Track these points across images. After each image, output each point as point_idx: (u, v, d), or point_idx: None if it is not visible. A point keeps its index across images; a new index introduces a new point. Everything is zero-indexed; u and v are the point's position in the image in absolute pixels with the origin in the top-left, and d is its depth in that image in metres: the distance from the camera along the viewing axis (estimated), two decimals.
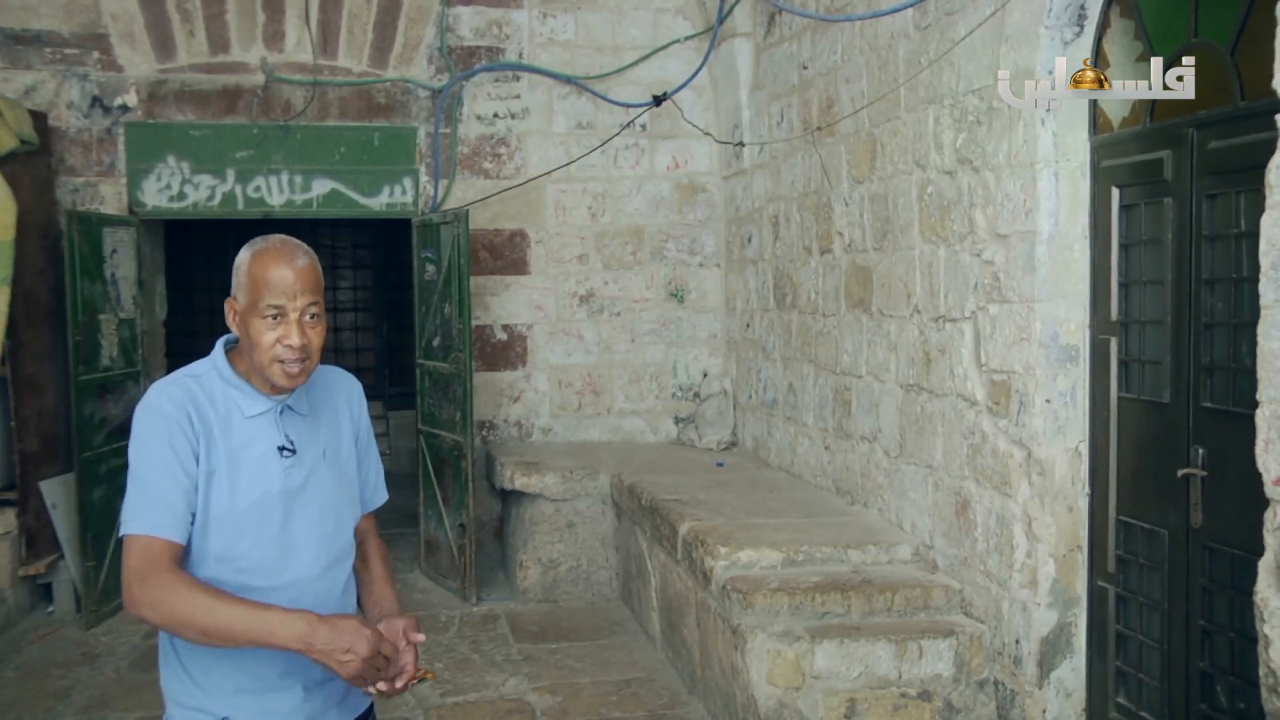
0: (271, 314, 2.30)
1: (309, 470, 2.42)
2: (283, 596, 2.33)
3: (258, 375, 2.37)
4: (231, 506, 2.32)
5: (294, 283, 2.31)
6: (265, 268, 2.31)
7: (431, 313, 7.62)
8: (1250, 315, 3.30)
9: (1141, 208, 4.08)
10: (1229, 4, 3.61)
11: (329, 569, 2.45)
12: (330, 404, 2.55)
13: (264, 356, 2.32)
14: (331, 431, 2.52)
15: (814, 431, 6.67)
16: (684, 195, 8.46)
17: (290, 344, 2.31)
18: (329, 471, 2.47)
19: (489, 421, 8.23)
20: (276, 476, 2.37)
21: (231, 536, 2.32)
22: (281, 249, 2.35)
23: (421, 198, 8.06)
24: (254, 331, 2.32)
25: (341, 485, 2.51)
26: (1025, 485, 4.45)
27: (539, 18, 8.21)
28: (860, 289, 5.95)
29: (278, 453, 2.38)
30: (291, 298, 2.31)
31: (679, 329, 8.50)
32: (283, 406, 2.41)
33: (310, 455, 2.44)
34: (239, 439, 2.35)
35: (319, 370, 2.53)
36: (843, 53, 6.11)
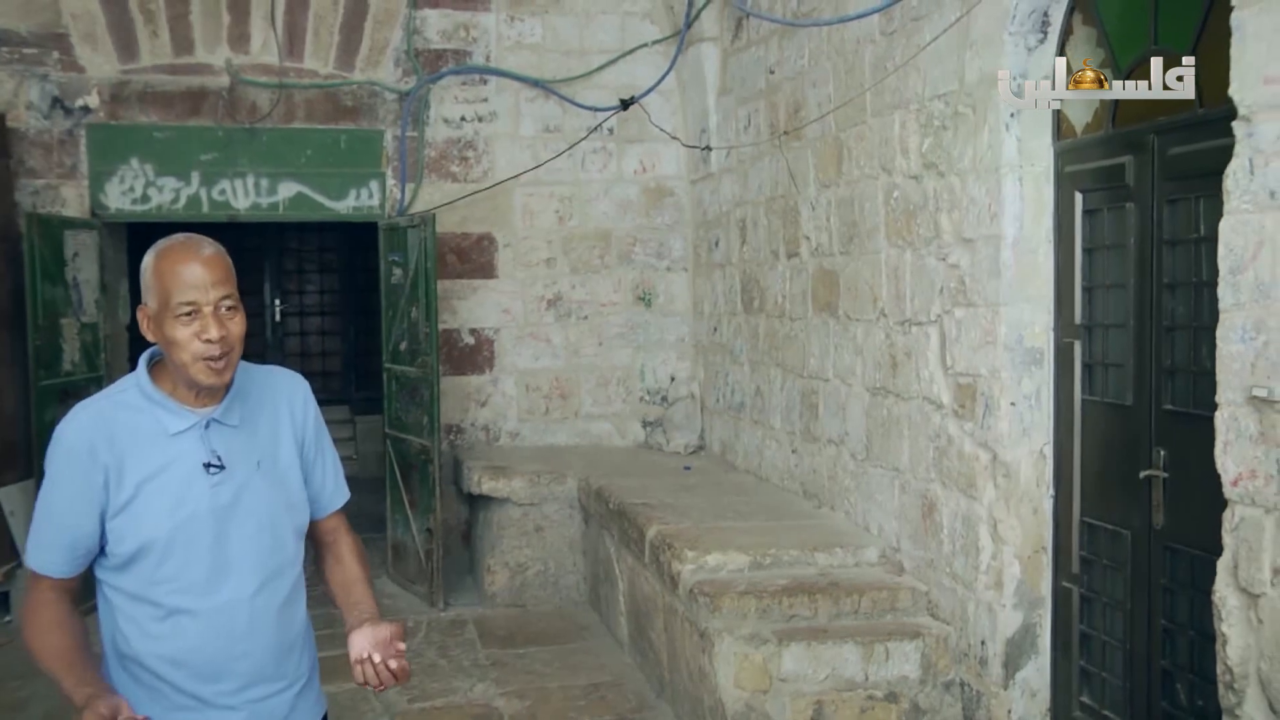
0: (185, 311, 2.23)
1: (240, 485, 2.34)
2: (218, 619, 2.30)
3: (182, 382, 2.30)
4: (155, 529, 2.26)
5: (204, 275, 2.24)
6: (173, 265, 2.25)
7: (398, 317, 7.59)
8: (1210, 319, 3.34)
9: (1104, 212, 4.12)
10: (1187, 13, 3.66)
11: (266, 585, 2.38)
12: (269, 410, 2.45)
13: (184, 356, 2.24)
14: (269, 440, 2.43)
15: (781, 435, 6.69)
16: (651, 199, 8.47)
17: (209, 338, 2.23)
18: (265, 483, 2.39)
19: (456, 426, 8.20)
20: (203, 495, 2.30)
21: (158, 560, 2.27)
22: (186, 243, 2.29)
23: (388, 201, 8.02)
24: (170, 333, 2.24)
25: (280, 496, 2.42)
26: (991, 487, 4.49)
27: (506, 21, 8.20)
28: (827, 293, 5.98)
29: (204, 470, 2.31)
30: (203, 290, 2.23)
31: (646, 333, 8.50)
32: (208, 420, 2.33)
33: (242, 469, 2.35)
34: (162, 458, 2.29)
35: (258, 372, 2.48)
36: (809, 57, 6.14)
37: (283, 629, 2.43)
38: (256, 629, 2.36)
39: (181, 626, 2.30)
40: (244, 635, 2.35)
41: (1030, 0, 4.23)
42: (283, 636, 2.43)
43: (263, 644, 2.38)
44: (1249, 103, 3.11)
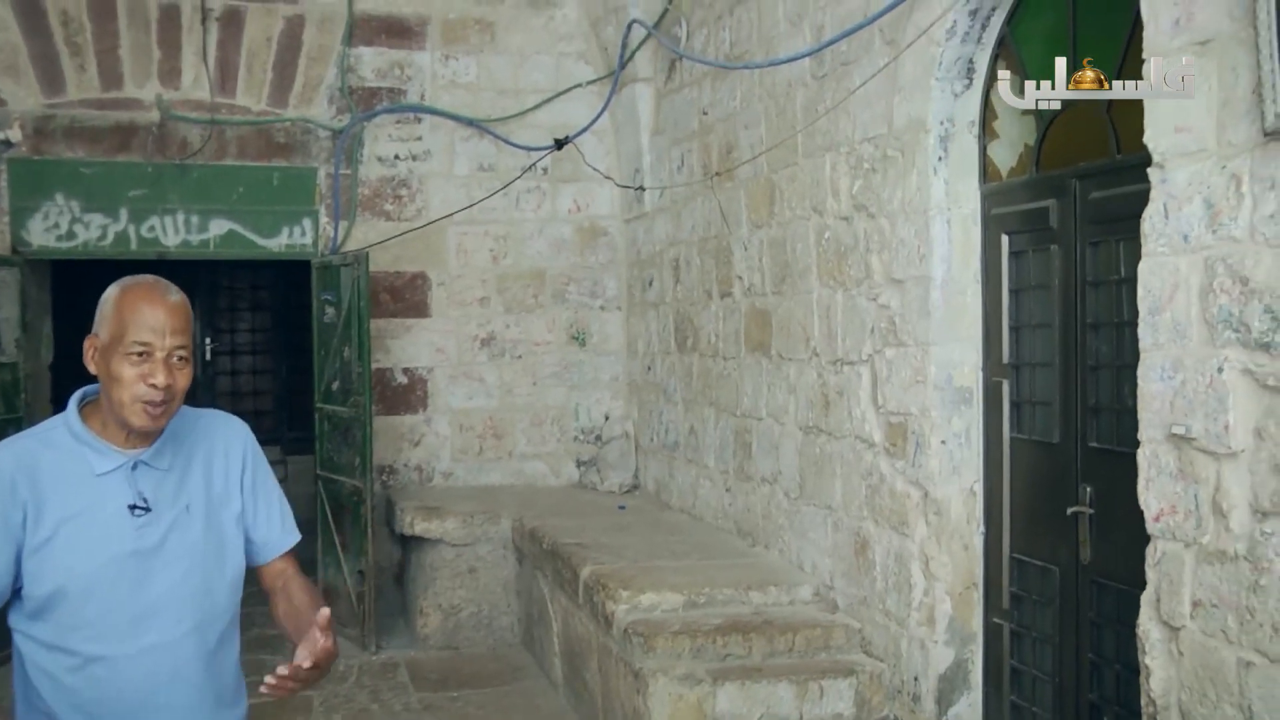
0: (137, 351, 2.19)
1: (168, 527, 2.29)
2: (139, 664, 2.24)
3: (114, 421, 2.26)
4: (74, 572, 2.20)
5: (165, 321, 2.22)
6: (136, 303, 2.22)
7: (331, 356, 7.51)
8: (1132, 358, 3.42)
9: (1030, 254, 4.21)
10: (1105, 62, 3.77)
11: (194, 631, 2.31)
12: (203, 454, 2.41)
13: (124, 395, 2.20)
14: (201, 484, 2.38)
15: (715, 474, 6.72)
16: (585, 238, 8.50)
17: (155, 383, 2.20)
18: (196, 527, 2.33)
19: (389, 466, 8.12)
20: (127, 536, 2.24)
21: (77, 603, 2.21)
22: (154, 286, 2.26)
23: (321, 239, 7.97)
24: (116, 368, 2.20)
25: (212, 541, 2.36)
26: (922, 525, 4.54)
27: (441, 60, 8.21)
28: (760, 332, 6.03)
29: (129, 511, 2.25)
30: (160, 335, 2.20)
31: (581, 372, 8.50)
32: (136, 462, 2.28)
33: (170, 511, 2.30)
34: (85, 499, 2.23)
35: (196, 416, 2.43)
36: (742, 99, 6.22)
37: (212, 678, 2.36)
38: (181, 677, 2.29)
39: (98, 676, 2.23)
40: (167, 683, 2.28)
41: (956, 48, 4.33)
42: (211, 686, 2.36)
43: (188, 693, 2.31)
44: (1162, 150, 3.21)
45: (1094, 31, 3.87)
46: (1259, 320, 2.91)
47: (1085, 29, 3.91)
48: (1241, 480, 3.00)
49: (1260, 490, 2.93)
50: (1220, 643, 3.06)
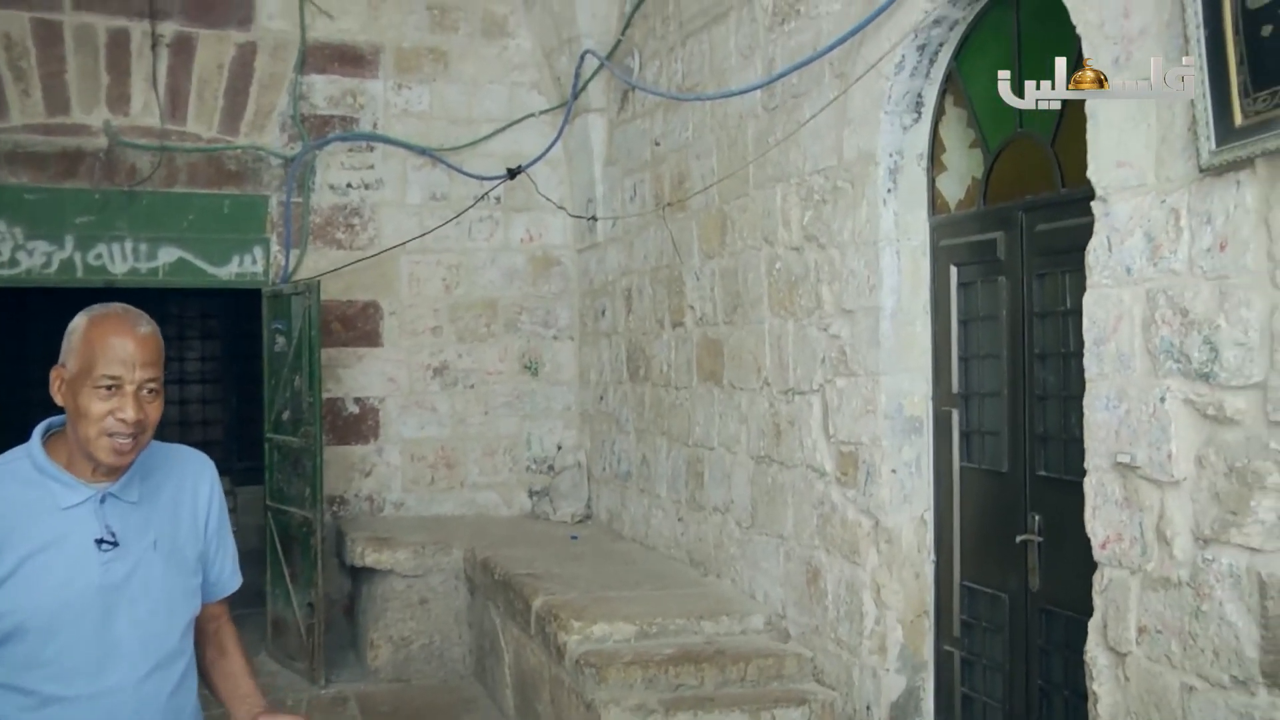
0: (106, 384, 2.14)
1: (134, 563, 2.23)
2: (99, 706, 2.16)
3: (81, 455, 2.19)
4: (37, 608, 2.12)
5: (135, 353, 2.16)
6: (105, 334, 2.16)
7: (281, 385, 7.45)
8: (1078, 388, 3.47)
9: (978, 285, 4.27)
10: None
11: (156, 671, 2.25)
12: (171, 489, 2.36)
13: (92, 429, 2.15)
14: (169, 519, 2.33)
15: (667, 503, 6.72)
16: (538, 268, 8.50)
17: (124, 417, 2.14)
18: (161, 564, 2.27)
19: (340, 497, 8.04)
20: (94, 571, 2.17)
21: (38, 641, 2.13)
22: (124, 316, 2.21)
23: (273, 268, 7.91)
24: (84, 401, 2.14)
25: (176, 578, 2.31)
26: (873, 553, 4.56)
27: (394, 88, 8.21)
28: (712, 362, 6.06)
29: (96, 546, 2.18)
30: (130, 368, 2.15)
31: (533, 401, 8.49)
32: (104, 495, 2.22)
33: (138, 547, 2.24)
34: (51, 533, 2.16)
35: (165, 451, 2.38)
36: (694, 130, 6.27)
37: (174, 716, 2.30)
38: (144, 716, 2.23)
39: (54, 718, 2.15)
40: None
41: (904, 82, 4.40)
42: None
43: None
44: (1105, 184, 3.28)
45: (1039, 67, 3.94)
46: (1198, 351, 2.97)
47: (1030, 65, 3.98)
48: (1184, 508, 3.05)
49: (1201, 518, 2.98)
50: (1165, 668, 3.10)
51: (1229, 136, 2.81)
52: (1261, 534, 2.80)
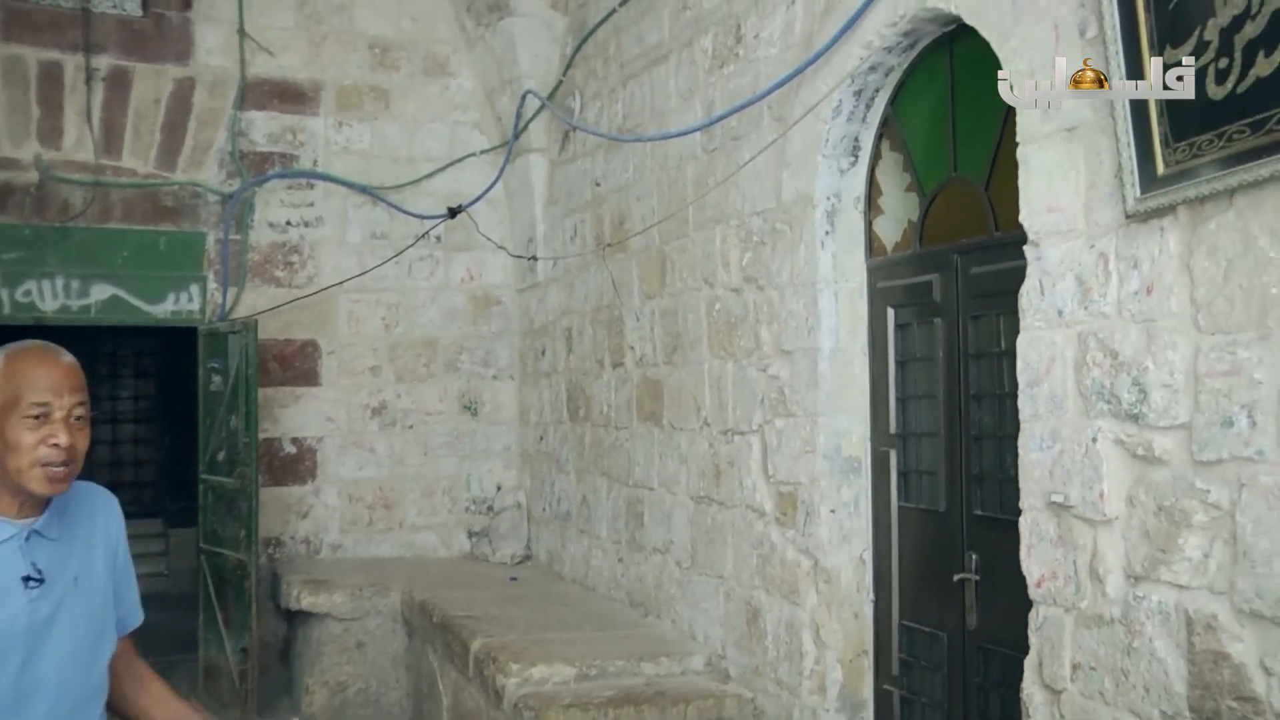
0: (34, 414, 2.13)
1: (58, 600, 2.20)
2: None
3: (9, 490, 2.16)
4: None
5: (61, 380, 2.17)
6: (27, 366, 2.16)
7: (217, 425, 7.34)
8: (1012, 428, 3.52)
9: (914, 327, 4.33)
10: (982, 145, 3.94)
11: (77, 709, 2.23)
12: (85, 525, 2.33)
13: (24, 460, 2.12)
14: (86, 555, 2.30)
15: (607, 544, 6.70)
16: (478, 307, 8.48)
17: (58, 443, 2.13)
18: (82, 600, 2.25)
19: (275, 538, 7.91)
20: (20, 610, 2.14)
21: None
22: (44, 349, 2.22)
23: (209, 305, 7.81)
24: (13, 434, 2.12)
25: (97, 615, 2.29)
26: (813, 593, 4.58)
27: (335, 126, 8.18)
28: (652, 402, 6.07)
29: (22, 584, 2.15)
30: (58, 395, 2.15)
31: (473, 441, 8.43)
32: (29, 532, 2.19)
33: (61, 583, 2.22)
34: None
35: (74, 488, 2.33)
36: (634, 171, 6.31)
37: None
38: None
39: None
40: None
41: (841, 126, 4.47)
42: None
43: None
44: (1036, 229, 3.35)
45: (972, 114, 4.03)
46: (1128, 392, 3.03)
47: (964, 112, 4.07)
48: (1116, 546, 3.10)
49: (1133, 555, 3.03)
50: (1098, 704, 3.13)
51: (1152, 185, 2.89)
52: (1189, 571, 2.85)
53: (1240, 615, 2.71)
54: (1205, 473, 2.81)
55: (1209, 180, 2.73)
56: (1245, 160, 2.63)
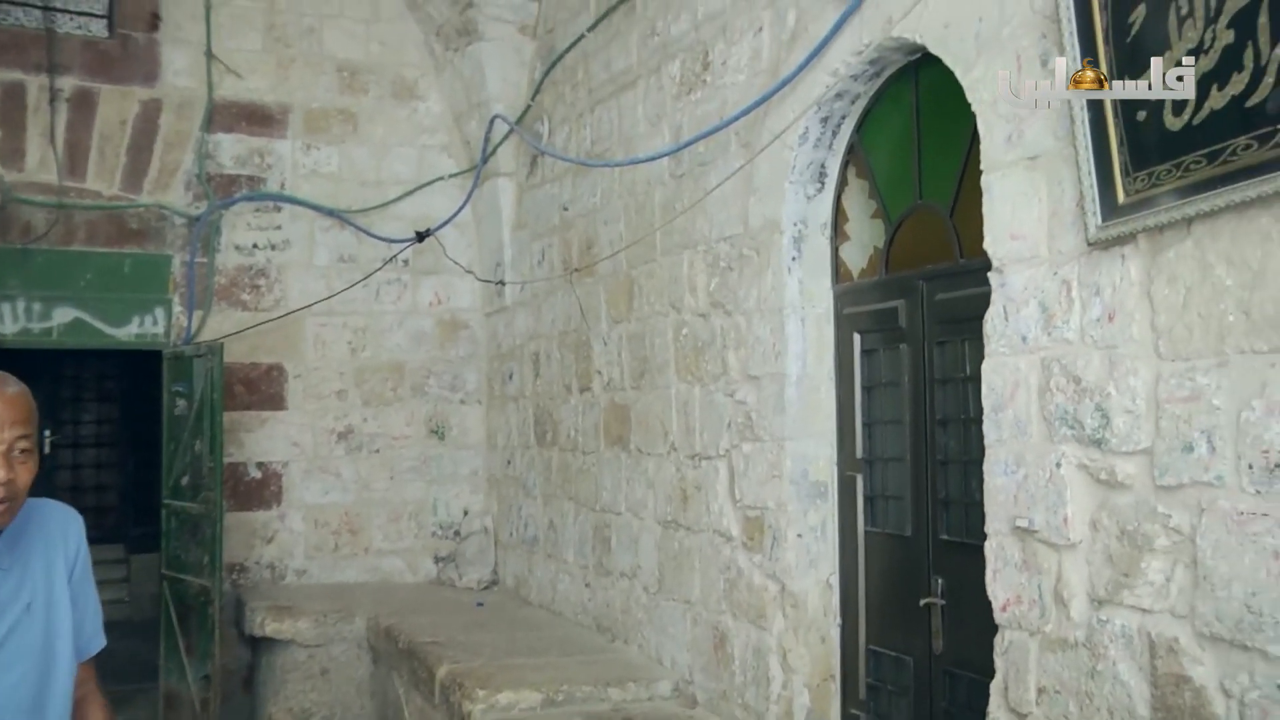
0: None
1: (8, 629, 2.16)
2: None
3: None
4: None
5: (4, 412, 2.11)
6: None
7: (181, 449, 7.27)
8: (978, 453, 3.55)
9: (880, 352, 4.35)
10: (947, 172, 3.98)
11: None
12: (42, 547, 2.28)
13: None
14: (43, 580, 2.25)
15: (574, 569, 6.67)
16: (446, 331, 8.46)
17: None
18: (36, 627, 2.21)
19: (240, 564, 7.83)
20: None
21: None
22: None
23: (174, 329, 7.75)
24: None
25: (50, 642, 2.24)
26: (780, 618, 4.58)
27: (302, 149, 8.16)
28: (619, 427, 6.06)
29: None
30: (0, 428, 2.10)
31: (439, 466, 8.40)
32: None
33: (12, 611, 2.17)
34: None
35: (32, 507, 2.29)
36: (602, 196, 6.33)
37: None
38: None
39: None
40: None
41: (808, 153, 4.50)
42: None
43: None
44: (1000, 255, 3.39)
45: (937, 141, 4.07)
46: (1091, 418, 3.06)
47: (929, 139, 4.12)
48: (1080, 570, 3.12)
49: (1096, 580, 3.06)
50: None
51: (1113, 213, 2.93)
52: (1151, 595, 2.88)
53: (1201, 638, 2.74)
54: (1166, 497, 2.84)
55: (1168, 209, 2.77)
56: (1202, 190, 2.67)
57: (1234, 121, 2.59)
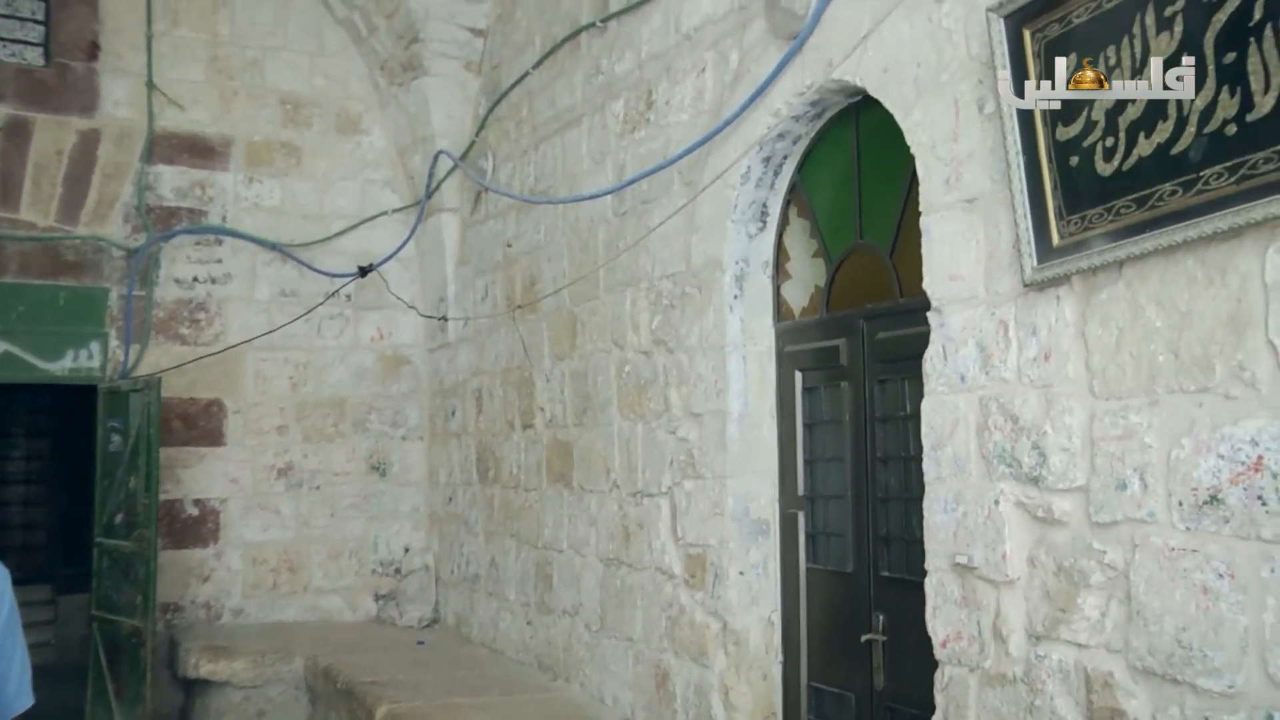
0: None
1: None
2: None
3: None
4: None
5: None
6: None
7: (115, 486, 7.13)
8: (918, 490, 3.58)
9: (822, 390, 4.39)
10: (886, 213, 4.04)
11: None
12: None
13: None
14: None
15: (516, 606, 6.63)
16: (388, 367, 8.40)
17: None
18: None
19: (174, 604, 7.67)
20: None
21: None
22: None
23: (111, 363, 7.61)
24: None
25: None
26: (722, 655, 4.57)
27: (245, 182, 8.09)
28: (561, 464, 6.05)
29: None
30: None
31: (381, 503, 8.31)
32: None
33: None
34: None
35: None
36: (545, 233, 6.34)
37: None
38: None
39: None
40: None
41: (750, 192, 4.55)
42: None
43: None
44: (939, 296, 3.44)
45: (877, 182, 4.13)
46: (1028, 456, 3.10)
47: (869, 180, 4.18)
48: (1018, 606, 3.16)
49: (1034, 615, 3.09)
50: None
51: (1048, 255, 2.99)
52: (1087, 630, 2.92)
53: (1134, 672, 2.78)
54: (1102, 534, 2.89)
55: (1100, 252, 2.84)
56: (1132, 234, 2.75)
57: (1160, 168, 2.67)
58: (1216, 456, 2.60)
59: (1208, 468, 2.61)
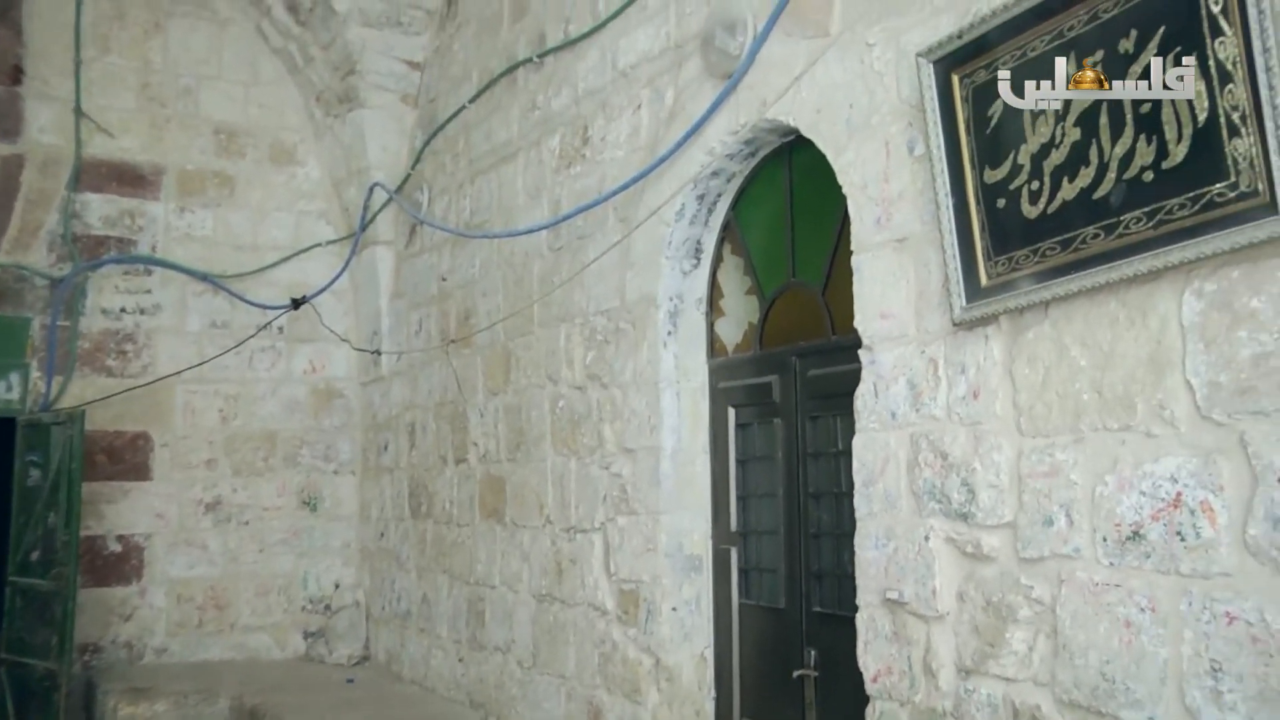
0: None
1: None
2: None
3: None
4: None
5: None
6: None
7: (33, 523, 6.94)
8: (849, 526, 3.61)
9: (755, 426, 4.42)
10: (819, 251, 4.09)
11: None
12: None
13: None
14: None
15: (448, 643, 6.55)
16: (320, 400, 8.30)
17: None
18: None
19: (94, 644, 7.47)
20: None
21: None
22: None
23: (31, 395, 7.44)
24: None
25: None
26: (654, 691, 4.56)
27: (176, 211, 7.98)
28: (494, 499, 6.01)
29: None
30: None
31: (311, 538, 8.18)
32: None
33: None
34: None
35: None
36: (480, 267, 6.33)
37: None
38: None
39: None
40: None
41: (684, 229, 4.58)
42: None
43: None
44: (870, 334, 3.49)
45: (810, 221, 4.18)
46: (957, 492, 3.14)
47: (802, 219, 4.23)
48: (948, 641, 3.19)
49: (963, 650, 3.12)
50: None
51: (977, 295, 3.05)
52: (1015, 664, 2.95)
53: (1061, 705, 2.82)
54: (1029, 569, 2.93)
55: (1027, 293, 2.90)
56: (1057, 275, 2.81)
57: (1083, 212, 2.74)
58: (1138, 493, 2.65)
59: (1130, 504, 2.67)
